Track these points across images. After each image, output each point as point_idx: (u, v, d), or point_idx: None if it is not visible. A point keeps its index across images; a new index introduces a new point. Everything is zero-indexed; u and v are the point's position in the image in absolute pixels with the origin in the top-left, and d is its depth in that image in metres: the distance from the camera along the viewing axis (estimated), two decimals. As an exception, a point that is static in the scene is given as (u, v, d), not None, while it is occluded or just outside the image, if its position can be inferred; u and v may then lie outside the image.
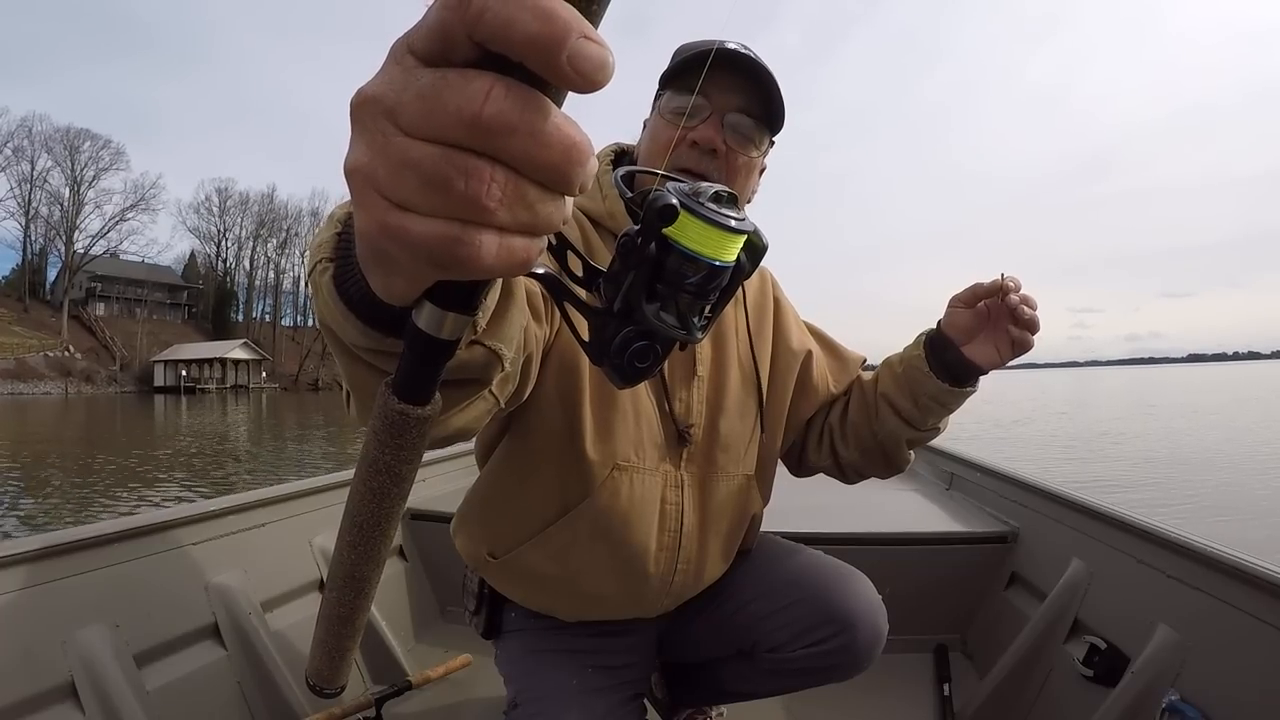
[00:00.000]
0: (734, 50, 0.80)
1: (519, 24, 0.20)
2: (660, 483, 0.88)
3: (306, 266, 0.41)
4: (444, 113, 0.21)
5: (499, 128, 0.21)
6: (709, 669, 1.08)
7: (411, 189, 0.22)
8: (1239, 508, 6.28)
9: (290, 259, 67.86)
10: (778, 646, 0.93)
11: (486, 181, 0.22)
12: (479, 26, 0.21)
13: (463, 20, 0.21)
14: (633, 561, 0.88)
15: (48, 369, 45.99)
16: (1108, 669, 1.16)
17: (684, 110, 0.81)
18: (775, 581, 0.96)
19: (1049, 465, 9.27)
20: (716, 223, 0.34)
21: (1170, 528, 1.16)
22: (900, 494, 2.07)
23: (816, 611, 0.91)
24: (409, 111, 0.22)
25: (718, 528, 0.94)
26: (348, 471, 1.71)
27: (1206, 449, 10.70)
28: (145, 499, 6.93)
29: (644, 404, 0.86)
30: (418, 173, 0.22)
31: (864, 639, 0.90)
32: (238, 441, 12.41)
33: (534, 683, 0.94)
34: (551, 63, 0.21)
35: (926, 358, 0.89)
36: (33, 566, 1.02)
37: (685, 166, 0.82)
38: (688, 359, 0.91)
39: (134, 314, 56.09)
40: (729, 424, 0.92)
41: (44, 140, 52.25)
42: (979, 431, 13.83)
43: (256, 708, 1.22)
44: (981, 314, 0.84)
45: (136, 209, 56.00)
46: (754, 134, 0.84)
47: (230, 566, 1.28)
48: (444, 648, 1.67)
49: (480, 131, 0.21)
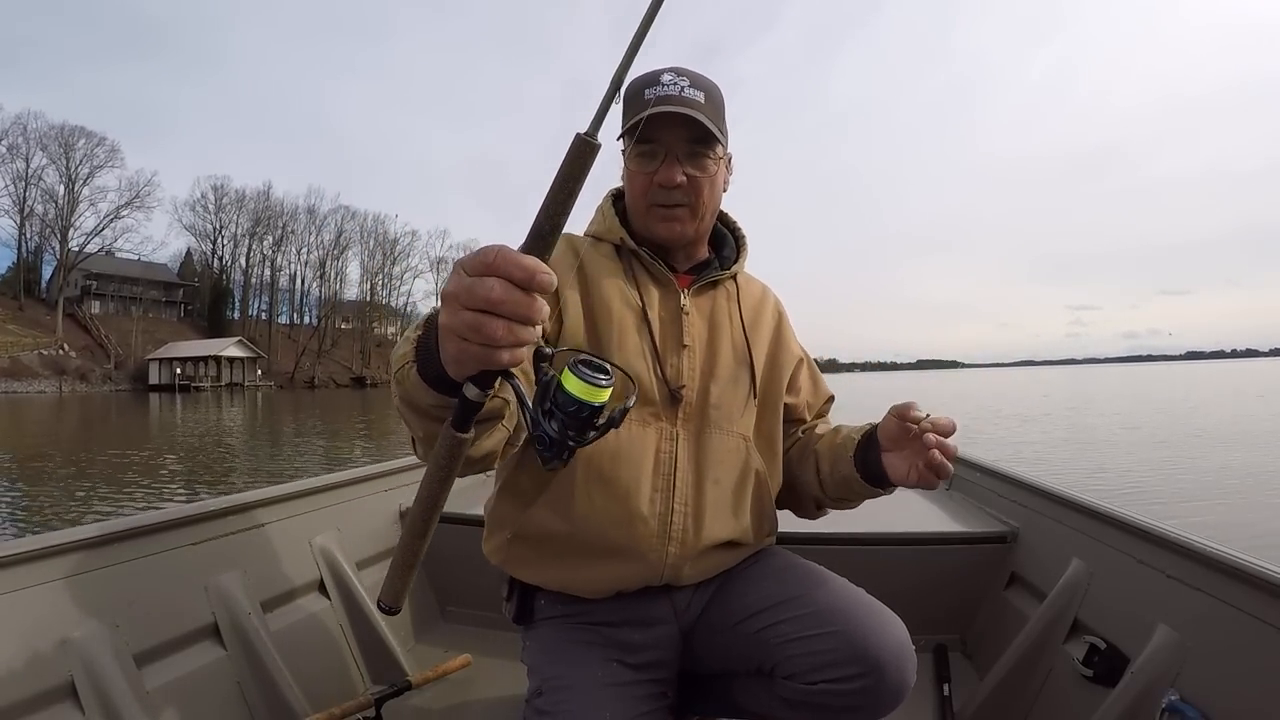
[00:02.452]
0: (669, 95, 0.96)
1: (512, 270, 0.50)
2: (655, 435, 0.99)
3: (393, 370, 0.69)
4: (475, 299, 0.50)
5: (498, 304, 0.50)
6: (723, 679, 1.08)
7: (467, 332, 0.52)
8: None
9: (286, 256, 67.69)
10: (797, 674, 0.91)
11: (496, 328, 0.51)
12: (493, 269, 0.50)
13: (488, 266, 0.50)
14: (627, 501, 0.96)
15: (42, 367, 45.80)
16: (1108, 669, 1.17)
17: (646, 156, 1.00)
18: (806, 608, 0.95)
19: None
20: (586, 380, 0.59)
21: (1170, 528, 1.16)
22: (900, 494, 2.07)
23: (844, 647, 0.88)
24: (462, 298, 0.51)
25: (715, 475, 1.01)
26: (348, 472, 1.71)
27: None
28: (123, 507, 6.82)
29: (638, 368, 0.99)
30: (468, 326, 0.51)
31: (890, 685, 0.88)
32: (228, 451, 11.81)
33: (560, 671, 0.96)
34: (526, 282, 0.50)
35: (857, 447, 1.01)
36: (33, 566, 1.01)
37: (659, 203, 1.02)
38: (675, 331, 1.03)
39: (129, 312, 55.86)
40: (720, 388, 1.04)
41: (39, 137, 52.06)
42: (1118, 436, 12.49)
43: (256, 708, 1.22)
44: (909, 430, 0.90)
45: (131, 206, 55.82)
46: (706, 154, 1.00)
47: (230, 566, 1.28)
48: (444, 648, 1.67)
49: (491, 305, 0.50)
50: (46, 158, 52.31)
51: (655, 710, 0.99)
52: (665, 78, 0.99)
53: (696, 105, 0.97)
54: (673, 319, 1.04)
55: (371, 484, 1.75)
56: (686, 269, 1.10)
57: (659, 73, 1.00)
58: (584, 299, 1.02)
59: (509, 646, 1.12)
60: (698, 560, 1.00)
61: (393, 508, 1.80)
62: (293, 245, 68.00)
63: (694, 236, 1.07)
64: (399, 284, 76.21)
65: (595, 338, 1.00)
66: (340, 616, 1.50)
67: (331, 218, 69.68)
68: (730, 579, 1.07)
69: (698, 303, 1.07)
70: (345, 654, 1.48)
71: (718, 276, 1.10)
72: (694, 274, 1.10)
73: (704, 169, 1.00)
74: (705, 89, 1.00)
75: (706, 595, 1.06)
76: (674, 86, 0.98)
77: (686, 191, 1.00)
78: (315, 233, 68.93)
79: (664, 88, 0.97)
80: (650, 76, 1.00)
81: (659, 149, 0.99)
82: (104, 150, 54.63)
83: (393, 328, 74.99)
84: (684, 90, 0.98)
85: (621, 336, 1.00)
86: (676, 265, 1.09)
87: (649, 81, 0.99)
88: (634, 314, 1.02)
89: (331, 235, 69.74)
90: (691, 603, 1.05)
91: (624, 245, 1.06)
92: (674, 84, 0.98)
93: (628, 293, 1.03)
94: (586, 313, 1.01)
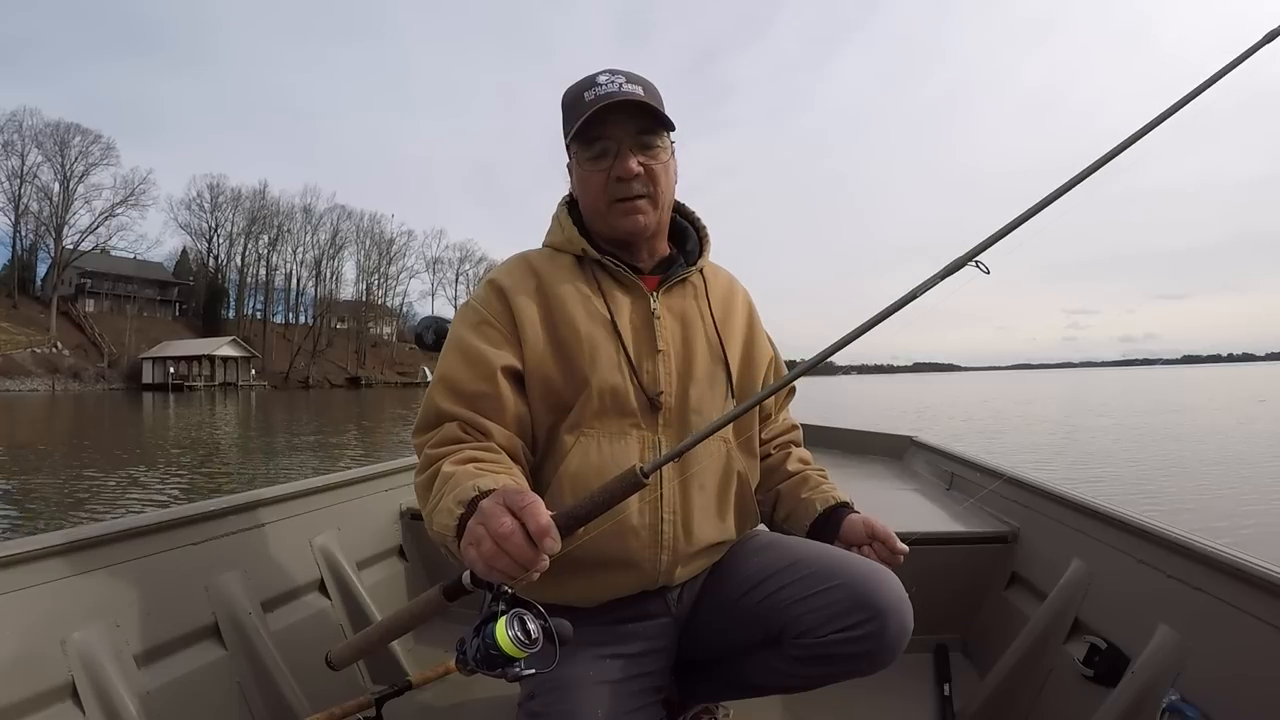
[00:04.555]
0: (609, 92, 0.98)
1: (515, 554, 0.68)
2: (637, 445, 1.00)
3: (431, 524, 0.85)
4: (500, 545, 0.69)
5: (515, 554, 0.68)
6: (727, 661, 1.09)
7: (485, 562, 0.70)
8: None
9: (281, 255, 67.47)
10: (808, 630, 0.94)
11: (509, 561, 0.68)
12: (505, 546, 0.69)
13: (501, 541, 0.68)
14: (615, 514, 0.95)
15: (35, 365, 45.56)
16: (1108, 669, 1.17)
17: (598, 156, 1.01)
18: (805, 570, 0.98)
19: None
20: (513, 640, 0.72)
21: (1170, 528, 1.17)
22: (900, 494, 2.08)
23: (850, 598, 0.92)
24: (491, 534, 0.69)
25: (699, 480, 1.03)
26: (348, 472, 1.71)
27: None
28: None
29: (615, 381, 1.00)
30: (487, 556, 0.70)
31: (894, 629, 0.92)
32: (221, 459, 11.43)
33: (550, 673, 0.96)
34: (529, 561, 0.69)
35: (812, 526, 1.09)
36: (33, 566, 1.01)
37: (620, 196, 1.02)
38: (648, 337, 1.04)
39: (124, 310, 55.61)
40: (699, 391, 1.05)
41: (34, 134, 51.88)
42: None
43: (256, 708, 1.22)
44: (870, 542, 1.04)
45: (126, 204, 55.60)
46: (656, 143, 1.02)
47: (230, 566, 1.28)
48: (444, 648, 1.66)
49: (509, 553, 0.68)
50: (42, 155, 52.23)
51: (650, 705, 1.00)
52: (601, 78, 1.00)
53: (637, 97, 0.99)
54: (644, 324, 1.04)
55: (372, 484, 1.74)
56: (651, 268, 1.10)
57: (594, 75, 1.02)
58: (546, 321, 1.01)
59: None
60: (689, 562, 1.03)
61: (393, 508, 1.79)
62: (288, 244, 67.87)
63: (656, 228, 1.07)
64: (395, 284, 76.25)
65: (565, 359, 1.00)
66: (340, 616, 1.49)
67: (327, 217, 69.68)
68: (720, 563, 1.09)
69: (668, 303, 1.07)
70: None
71: (685, 274, 1.09)
72: (659, 273, 1.09)
73: (656, 157, 1.02)
74: (641, 83, 1.02)
75: (698, 585, 1.09)
76: (612, 84, 0.99)
77: (645, 181, 1.01)
78: (311, 232, 68.90)
79: (601, 87, 0.99)
80: (586, 81, 1.02)
81: (610, 145, 1.00)
82: (99, 147, 54.55)
83: (388, 328, 74.85)
84: (621, 86, 0.99)
85: (593, 353, 0.99)
86: (641, 266, 1.08)
87: (585, 85, 1.01)
88: (603, 326, 1.01)
89: (327, 234, 69.74)
90: (684, 596, 1.07)
91: (586, 255, 1.06)
92: (611, 82, 1.00)
93: (594, 305, 1.02)
94: (551, 335, 1.01)
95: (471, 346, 0.99)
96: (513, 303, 1.01)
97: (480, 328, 1.01)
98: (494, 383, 0.97)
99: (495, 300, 1.03)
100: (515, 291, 1.02)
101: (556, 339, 1.00)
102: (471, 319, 1.02)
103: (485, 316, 1.01)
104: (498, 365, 0.97)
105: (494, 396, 0.97)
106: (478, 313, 1.02)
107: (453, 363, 0.99)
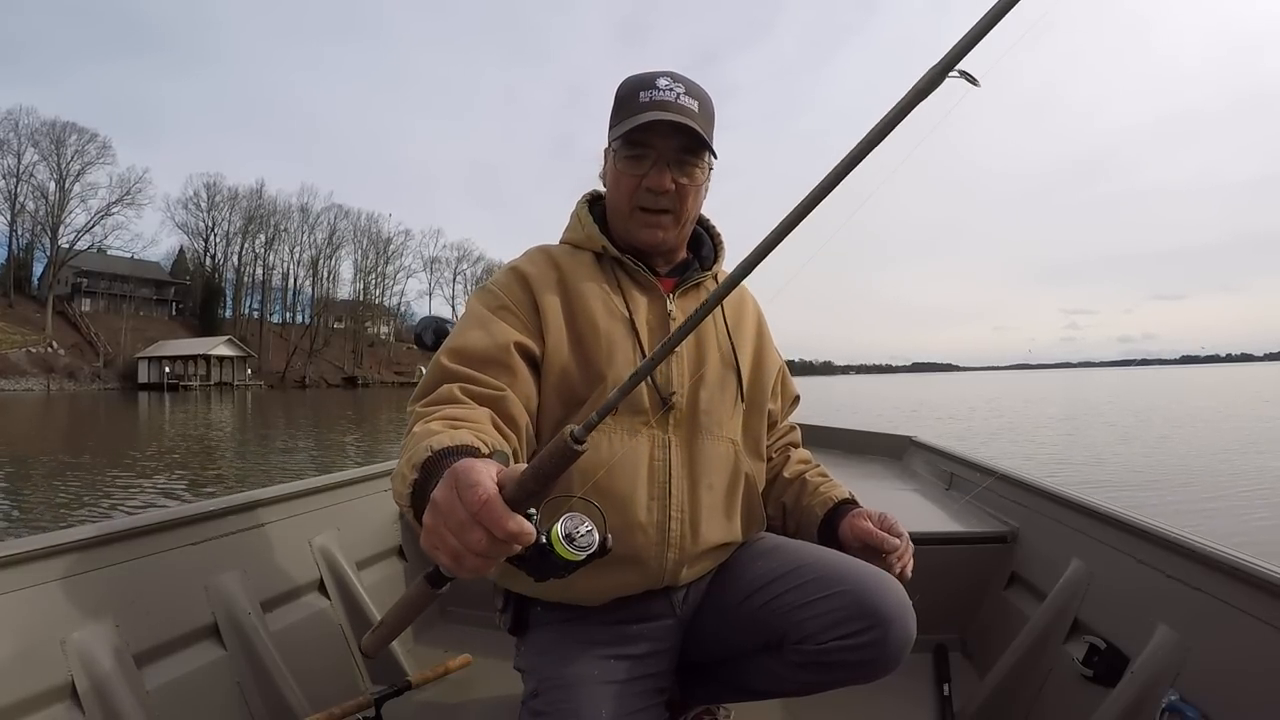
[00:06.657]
0: (665, 100, 0.97)
1: (494, 530, 0.57)
2: (648, 443, 0.99)
3: (397, 496, 0.75)
4: (458, 538, 0.58)
5: (475, 547, 0.57)
6: (729, 664, 1.09)
7: (445, 557, 0.60)
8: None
9: (278, 254, 67.32)
10: (809, 636, 0.94)
11: (469, 562, 0.59)
12: (480, 520, 0.57)
13: (476, 515, 0.57)
14: (624, 511, 0.96)
15: (30, 365, 45.41)
16: (1108, 669, 1.17)
17: (636, 159, 1.00)
18: (809, 576, 0.97)
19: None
20: (570, 548, 0.65)
21: (1170, 528, 1.17)
22: (900, 494, 2.08)
23: (852, 604, 0.92)
24: (449, 526, 0.59)
25: (708, 482, 1.03)
26: (348, 472, 1.70)
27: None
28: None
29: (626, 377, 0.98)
30: (449, 553, 0.60)
31: (896, 637, 0.91)
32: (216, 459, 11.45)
33: (555, 672, 0.97)
34: (506, 542, 0.58)
35: (820, 526, 1.11)
36: (33, 566, 1.00)
37: (644, 205, 1.01)
38: (664, 337, 1.02)
39: (120, 310, 55.43)
40: (710, 393, 1.05)
41: (30, 133, 51.70)
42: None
43: (256, 708, 1.21)
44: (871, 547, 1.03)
45: (122, 203, 55.44)
46: (696, 163, 1.01)
47: (230, 566, 1.27)
48: (444, 648, 1.66)
49: (469, 548, 0.58)
50: (38, 154, 52.08)
51: (653, 705, 1.00)
52: (661, 82, 0.99)
53: (690, 114, 0.98)
54: (660, 325, 1.04)
55: (371, 484, 1.74)
56: (667, 272, 1.11)
57: (655, 75, 1.00)
58: (567, 315, 1.01)
59: (509, 647, 1.12)
60: (694, 563, 1.03)
61: (392, 507, 1.79)
62: (285, 243, 67.72)
63: (675, 244, 1.08)
64: (392, 283, 76.11)
65: (583, 353, 1.00)
66: (340, 616, 1.49)
67: (324, 216, 69.58)
68: (725, 566, 1.09)
69: (683, 305, 1.07)
70: (345, 654, 1.47)
71: (700, 278, 1.10)
72: (675, 276, 1.10)
73: (692, 178, 1.01)
74: (699, 98, 1.00)
75: (703, 587, 1.09)
76: (670, 92, 0.98)
77: (673, 198, 1.01)
78: (308, 231, 68.77)
79: (660, 92, 0.98)
80: (646, 78, 1.00)
81: (649, 153, 0.99)
82: (95, 146, 54.41)
83: (385, 327, 74.72)
84: (679, 97, 0.98)
85: (611, 349, 1.00)
86: (657, 269, 1.09)
87: (644, 84, 0.99)
88: (621, 324, 1.02)
89: (324, 234, 69.60)
90: (689, 597, 1.07)
91: (605, 253, 1.06)
92: (670, 89, 0.98)
93: (613, 302, 1.03)
94: (571, 329, 1.01)
95: (488, 318, 0.98)
96: (536, 291, 1.01)
97: (498, 311, 1.00)
98: (507, 352, 0.95)
99: (518, 287, 1.02)
100: (539, 281, 1.02)
101: (576, 333, 1.00)
102: (490, 302, 1.01)
103: (504, 301, 1.01)
104: (511, 339, 0.96)
105: (505, 366, 0.94)
106: (497, 297, 1.01)
107: (464, 329, 0.97)
